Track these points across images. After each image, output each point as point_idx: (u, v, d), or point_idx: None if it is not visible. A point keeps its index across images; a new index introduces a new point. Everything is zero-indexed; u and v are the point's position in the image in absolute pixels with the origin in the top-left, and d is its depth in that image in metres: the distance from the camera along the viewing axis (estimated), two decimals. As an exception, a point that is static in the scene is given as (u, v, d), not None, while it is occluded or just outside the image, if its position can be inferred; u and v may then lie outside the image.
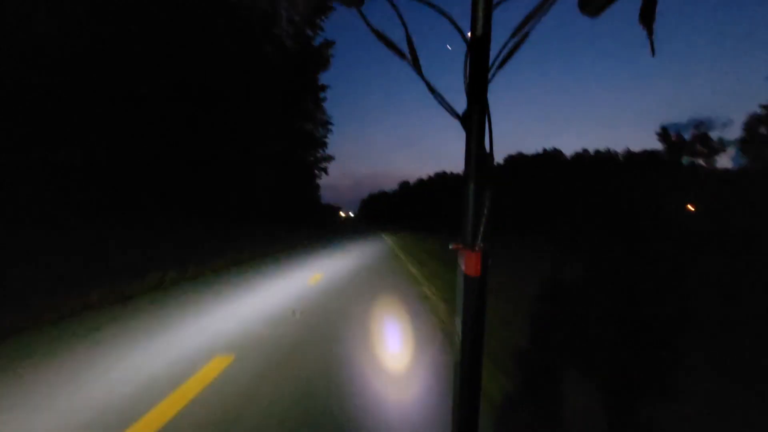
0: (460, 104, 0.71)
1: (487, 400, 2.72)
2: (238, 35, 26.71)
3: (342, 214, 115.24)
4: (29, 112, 13.70)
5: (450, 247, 0.74)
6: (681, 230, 34.18)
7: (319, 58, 39.44)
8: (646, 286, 7.74)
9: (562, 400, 2.97)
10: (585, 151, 68.49)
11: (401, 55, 0.73)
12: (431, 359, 3.55)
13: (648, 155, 64.60)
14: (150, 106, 19.29)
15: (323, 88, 41.42)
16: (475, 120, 0.68)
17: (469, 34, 0.69)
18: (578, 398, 2.94)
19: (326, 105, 42.64)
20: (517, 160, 73.66)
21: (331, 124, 42.27)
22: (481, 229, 0.67)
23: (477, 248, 0.67)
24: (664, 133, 63.44)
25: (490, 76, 0.70)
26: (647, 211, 49.37)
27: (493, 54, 0.69)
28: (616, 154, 67.58)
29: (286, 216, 31.18)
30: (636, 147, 76.16)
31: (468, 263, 0.68)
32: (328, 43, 39.60)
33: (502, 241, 21.53)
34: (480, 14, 0.67)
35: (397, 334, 4.44)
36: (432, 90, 0.73)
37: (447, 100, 0.73)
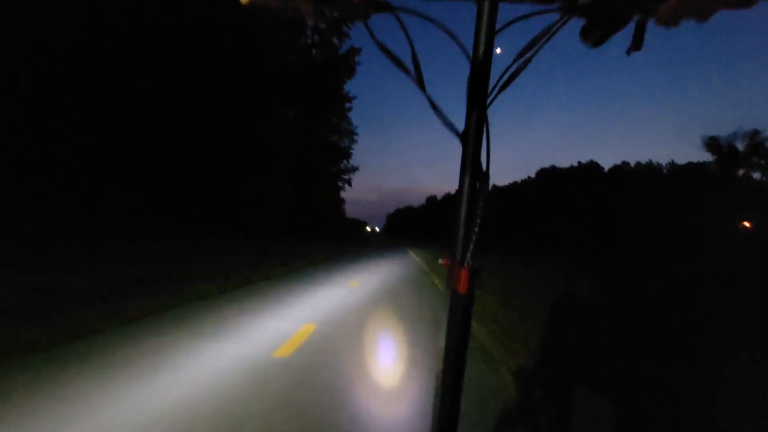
0: (462, 121, 0.70)
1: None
2: (257, 39, 24.17)
3: (368, 228, 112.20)
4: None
5: (439, 261, 0.72)
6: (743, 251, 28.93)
7: (345, 65, 36.73)
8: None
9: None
10: (625, 163, 62.68)
11: (405, 70, 0.71)
12: None
13: (695, 168, 58.23)
14: (153, 106, 16.74)
15: (348, 98, 38.56)
16: (471, 139, 0.67)
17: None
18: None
19: (354, 120, 39.88)
20: (550, 174, 68.51)
21: (355, 134, 39.22)
22: (471, 246, 0.66)
23: (466, 265, 0.66)
24: (713, 144, 56.81)
25: (490, 98, 0.69)
26: (699, 228, 43.44)
27: (496, 75, 0.69)
28: (660, 166, 61.45)
29: (304, 230, 27.95)
30: (676, 161, 68.72)
31: (456, 279, 0.66)
32: (354, 51, 36.83)
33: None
34: (482, 38, 0.66)
35: None
36: (434, 106, 0.72)
37: (449, 117, 0.71)
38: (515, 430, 2.63)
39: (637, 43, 0.60)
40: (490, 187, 0.69)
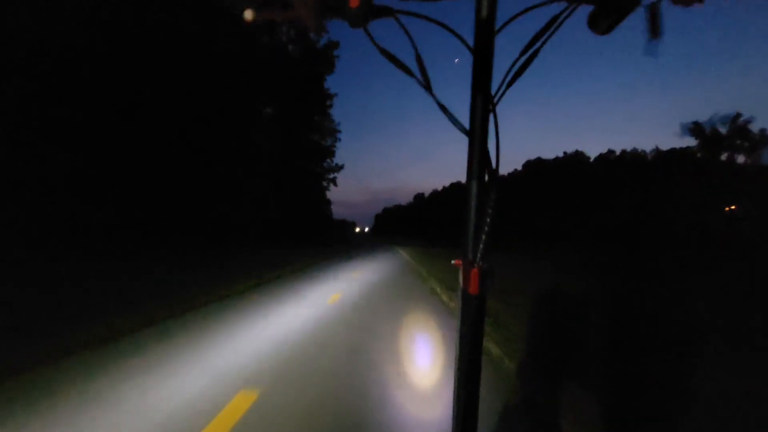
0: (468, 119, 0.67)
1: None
2: (232, 34, 21.91)
3: (357, 229, 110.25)
4: None
5: (452, 263, 0.69)
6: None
7: (324, 60, 34.55)
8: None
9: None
10: (610, 152, 61.74)
11: (409, 72, 0.68)
12: None
13: (679, 153, 57.53)
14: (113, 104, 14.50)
15: (329, 95, 36.36)
16: (478, 135, 0.64)
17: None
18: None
19: (340, 120, 38.07)
20: (536, 166, 67.36)
21: (338, 131, 37.10)
22: (482, 246, 0.63)
23: (477, 266, 0.63)
24: (696, 129, 56.12)
25: (499, 94, 0.66)
26: (685, 214, 42.42)
27: (504, 71, 0.67)
28: (644, 153, 60.63)
29: (287, 235, 25.71)
30: (654, 147, 66.58)
31: (467, 280, 0.63)
32: (332, 44, 34.70)
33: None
34: (483, 33, 0.63)
35: None
36: (441, 106, 0.70)
37: (455, 115, 0.69)
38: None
39: (654, 30, 0.56)
40: (497, 184, 0.65)
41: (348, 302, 6.81)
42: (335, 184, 35.98)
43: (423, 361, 3.85)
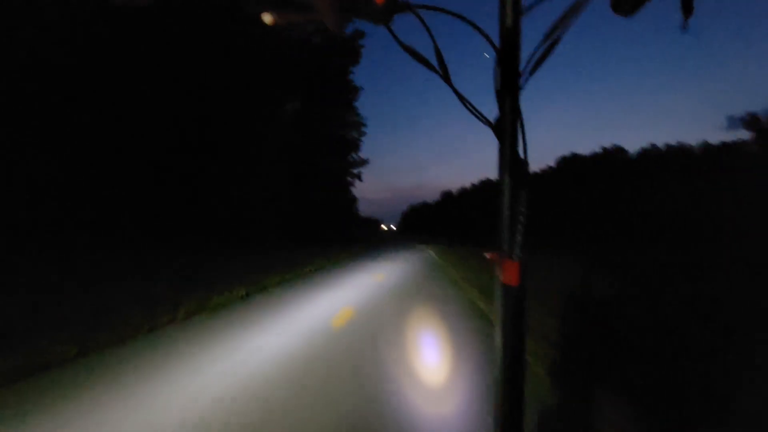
0: (493, 110, 0.66)
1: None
2: (248, 25, 20.60)
3: (383, 227, 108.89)
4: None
5: (486, 256, 0.68)
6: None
7: (349, 50, 32.89)
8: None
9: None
10: (653, 146, 56.87)
11: (432, 68, 0.68)
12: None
13: (734, 147, 52.15)
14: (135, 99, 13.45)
15: (354, 87, 34.67)
16: (507, 127, 0.64)
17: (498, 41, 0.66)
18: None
19: (366, 116, 36.20)
20: (572, 162, 63.26)
21: (364, 125, 35.37)
22: (519, 237, 0.62)
23: (515, 257, 0.63)
24: (752, 120, 50.63)
25: (522, 82, 0.65)
26: (744, 214, 37.90)
27: (524, 59, 0.65)
28: (690, 148, 55.45)
29: (307, 234, 24.21)
30: (701, 140, 60.05)
31: (506, 272, 0.63)
32: (358, 34, 32.92)
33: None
34: (508, 22, 0.63)
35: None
36: (463, 100, 0.68)
37: (478, 108, 0.68)
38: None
39: (687, 8, 0.54)
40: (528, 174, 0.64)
41: (362, 324, 4.99)
42: (360, 179, 34.39)
43: None
